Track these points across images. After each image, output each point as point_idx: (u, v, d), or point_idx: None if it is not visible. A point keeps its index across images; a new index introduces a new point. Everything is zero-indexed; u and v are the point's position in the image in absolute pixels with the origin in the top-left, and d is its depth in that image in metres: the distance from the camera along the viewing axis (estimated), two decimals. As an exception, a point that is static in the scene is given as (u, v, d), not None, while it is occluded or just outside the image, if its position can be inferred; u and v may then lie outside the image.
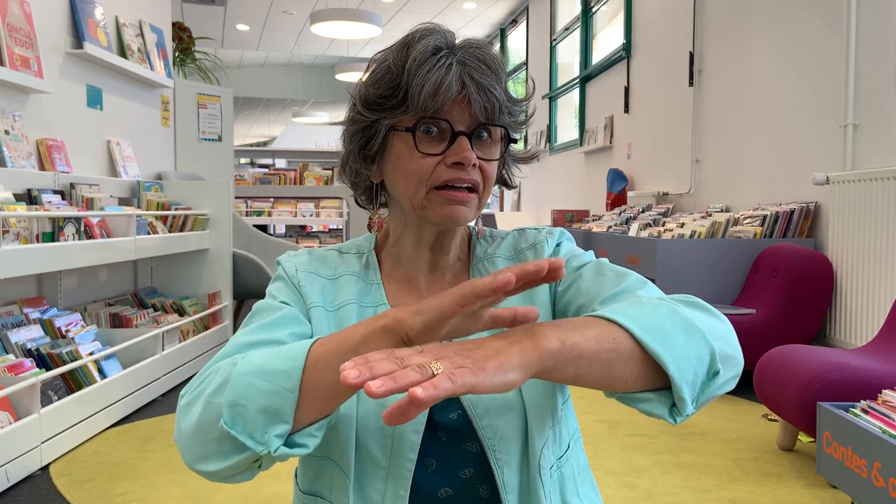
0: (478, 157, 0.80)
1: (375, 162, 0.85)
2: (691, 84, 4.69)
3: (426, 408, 0.54)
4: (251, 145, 20.33)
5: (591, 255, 0.89)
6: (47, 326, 2.84)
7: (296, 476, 0.89)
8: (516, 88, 0.95)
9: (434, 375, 0.53)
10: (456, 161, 0.78)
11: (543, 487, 0.80)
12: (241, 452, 0.67)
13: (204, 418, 0.69)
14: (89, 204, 3.14)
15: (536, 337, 0.61)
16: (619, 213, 5.27)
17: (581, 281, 0.84)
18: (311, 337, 0.80)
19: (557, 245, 0.91)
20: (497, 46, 9.94)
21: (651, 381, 0.67)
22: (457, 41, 0.82)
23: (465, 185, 0.80)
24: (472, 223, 0.90)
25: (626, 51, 5.78)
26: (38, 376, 2.35)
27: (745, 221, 3.66)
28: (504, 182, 0.92)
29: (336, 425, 0.79)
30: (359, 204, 0.93)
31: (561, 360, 0.61)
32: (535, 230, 0.93)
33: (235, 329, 4.47)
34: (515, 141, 0.86)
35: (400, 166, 0.81)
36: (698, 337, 0.67)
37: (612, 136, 6.11)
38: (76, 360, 2.68)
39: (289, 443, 0.68)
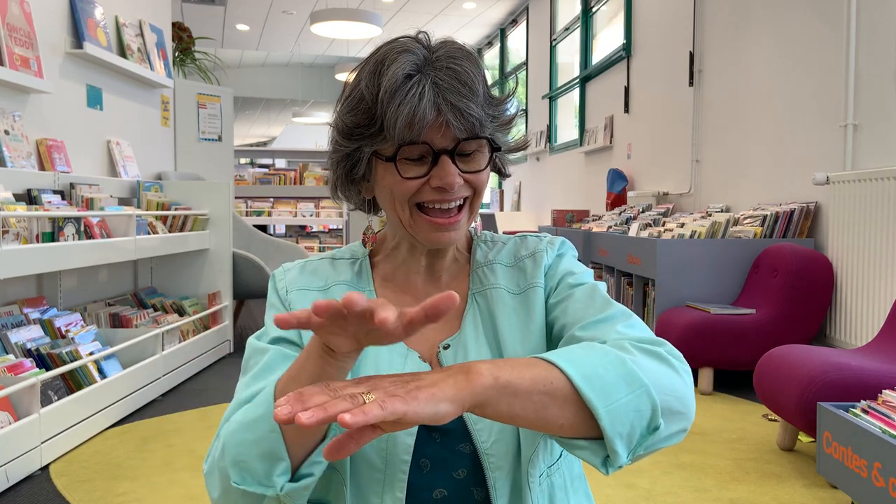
0: (465, 172, 0.80)
1: (365, 180, 0.86)
2: (691, 84, 4.69)
3: (362, 440, 0.57)
4: (251, 145, 20.32)
5: (589, 275, 0.89)
6: (47, 326, 2.84)
7: None
8: (513, 86, 0.94)
9: (365, 404, 0.55)
10: (439, 185, 0.79)
11: (531, 494, 0.80)
12: (261, 501, 0.73)
13: (223, 483, 0.74)
14: (89, 204, 3.14)
15: (471, 372, 0.62)
16: (619, 213, 5.27)
17: (571, 301, 0.84)
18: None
19: (558, 256, 0.90)
20: (497, 46, 9.94)
21: (588, 429, 0.66)
22: (431, 48, 0.80)
23: (453, 204, 0.81)
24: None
25: (626, 51, 5.78)
26: (38, 376, 2.35)
27: (745, 221, 3.66)
28: (499, 172, 0.92)
29: (333, 433, 0.80)
30: (362, 209, 0.94)
31: (493, 396, 0.62)
32: (537, 238, 0.92)
33: (235, 329, 4.47)
34: (500, 149, 0.85)
35: (384, 186, 0.82)
36: (641, 391, 0.66)
37: (612, 136, 6.11)
38: (76, 360, 2.68)
39: (296, 477, 0.73)
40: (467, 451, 0.81)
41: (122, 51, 3.83)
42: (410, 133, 0.77)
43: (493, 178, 0.97)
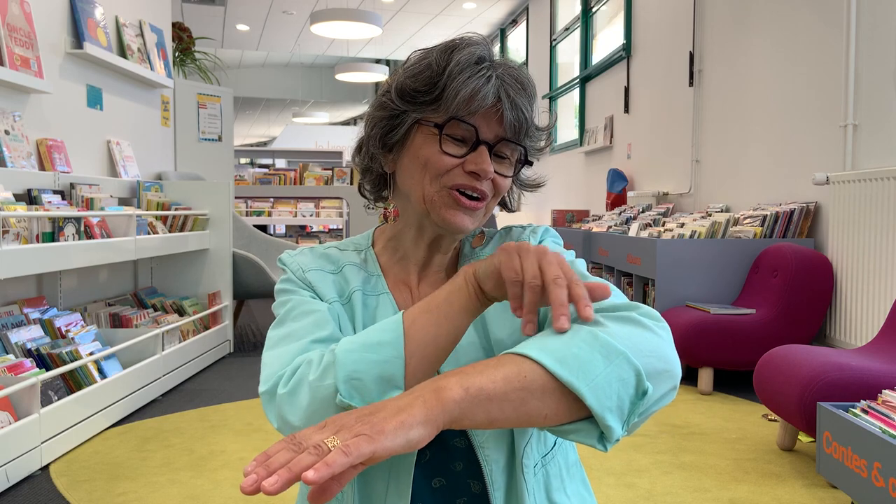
0: (494, 171, 0.83)
1: (393, 151, 0.86)
2: (691, 84, 4.69)
3: (344, 479, 0.55)
4: (251, 145, 20.34)
5: (569, 255, 0.90)
6: (47, 326, 2.84)
7: None
8: (554, 118, 0.97)
9: (329, 452, 0.54)
10: (473, 170, 0.81)
11: (526, 485, 0.81)
12: None
13: (316, 402, 0.71)
14: (89, 204, 3.14)
15: (439, 389, 0.61)
16: (619, 213, 5.27)
17: None
18: (341, 330, 0.83)
19: (540, 243, 0.91)
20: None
21: (574, 412, 0.65)
22: (496, 58, 0.84)
23: (476, 194, 0.82)
24: None
25: (626, 51, 5.78)
26: (38, 376, 2.35)
27: (745, 221, 3.66)
28: (504, 203, 0.94)
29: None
30: (361, 193, 0.94)
31: (467, 408, 0.61)
32: (521, 228, 0.94)
33: (235, 329, 4.46)
34: (531, 164, 0.88)
35: (419, 156, 0.83)
36: (620, 359, 0.65)
37: (612, 136, 6.11)
38: (76, 360, 2.68)
39: None
40: (462, 445, 0.82)
41: (122, 51, 3.83)
42: (467, 109, 0.79)
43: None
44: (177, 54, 5.50)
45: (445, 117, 0.80)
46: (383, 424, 0.57)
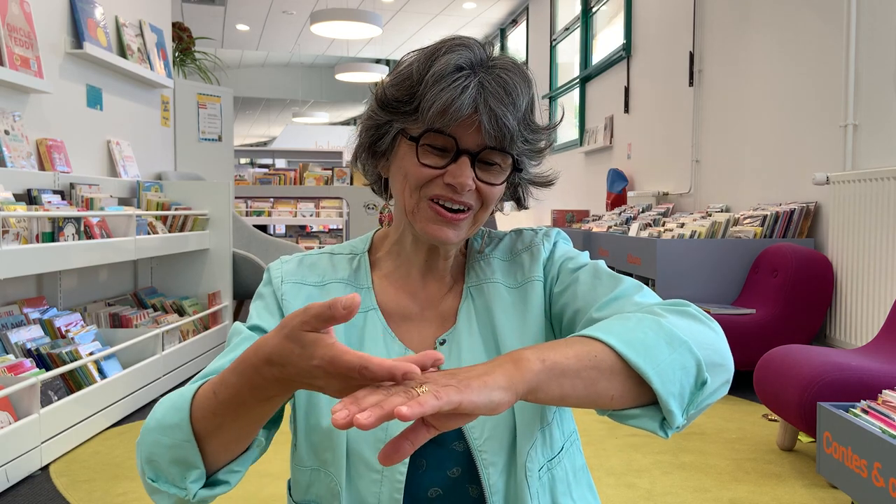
0: (479, 179, 0.80)
1: (385, 157, 0.86)
2: (691, 84, 4.69)
3: (417, 440, 0.56)
4: (251, 145, 20.34)
5: (586, 256, 0.89)
6: (47, 326, 2.84)
7: (289, 488, 0.89)
8: (558, 117, 0.94)
9: (419, 396, 0.55)
10: (451, 183, 0.79)
11: (530, 489, 0.80)
12: (172, 498, 0.72)
13: (141, 465, 0.74)
14: (89, 204, 3.14)
15: (519, 360, 0.62)
16: (619, 213, 5.27)
17: (577, 285, 0.84)
18: None
19: (553, 246, 0.91)
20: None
21: (638, 397, 0.67)
22: (490, 56, 0.81)
23: (457, 206, 0.80)
24: None
25: (626, 51, 5.78)
26: (38, 376, 2.35)
27: (745, 221, 3.66)
28: (517, 201, 0.92)
29: (327, 434, 0.80)
30: (374, 191, 0.94)
31: (544, 380, 0.62)
32: (532, 231, 0.93)
33: (235, 329, 4.47)
34: (521, 170, 0.85)
35: (401, 166, 0.82)
36: (683, 348, 0.67)
37: (612, 136, 6.11)
38: (76, 360, 2.67)
39: (212, 482, 0.72)
40: (460, 448, 0.81)
41: (122, 51, 3.83)
42: (442, 121, 0.77)
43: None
44: (177, 54, 5.50)
45: (422, 128, 0.79)
46: (469, 381, 0.58)
